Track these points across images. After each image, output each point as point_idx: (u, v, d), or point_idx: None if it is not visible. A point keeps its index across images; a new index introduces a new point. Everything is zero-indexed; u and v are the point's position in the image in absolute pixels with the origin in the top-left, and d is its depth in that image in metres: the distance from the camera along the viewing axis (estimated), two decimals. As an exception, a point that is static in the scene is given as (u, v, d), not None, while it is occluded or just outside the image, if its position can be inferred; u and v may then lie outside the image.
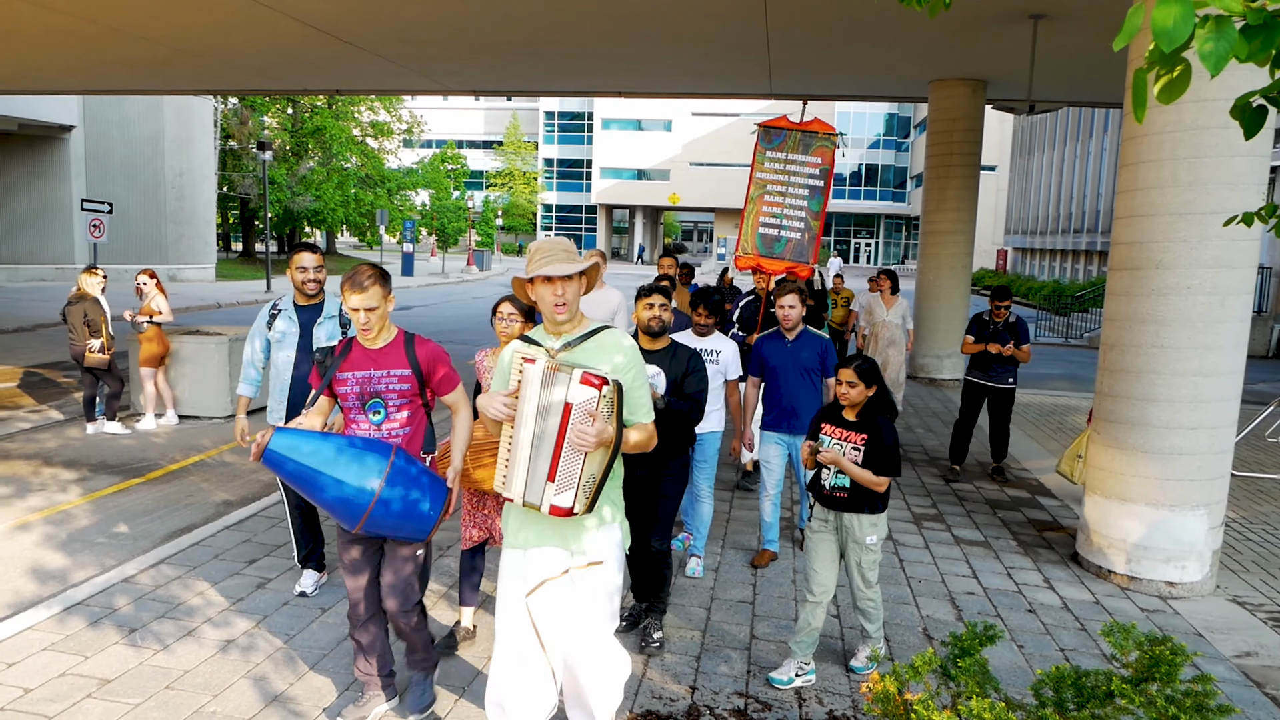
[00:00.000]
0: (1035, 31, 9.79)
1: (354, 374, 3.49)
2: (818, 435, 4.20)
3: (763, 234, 7.56)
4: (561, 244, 3.03)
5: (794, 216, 7.53)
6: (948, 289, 13.83)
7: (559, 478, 2.83)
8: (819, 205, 7.53)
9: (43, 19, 10.82)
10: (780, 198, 7.55)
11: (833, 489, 4.09)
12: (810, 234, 7.51)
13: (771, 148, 7.62)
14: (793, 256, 7.47)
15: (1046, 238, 43.24)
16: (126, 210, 27.39)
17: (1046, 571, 5.79)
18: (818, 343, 5.62)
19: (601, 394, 2.79)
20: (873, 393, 4.04)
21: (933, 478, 8.10)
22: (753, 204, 7.64)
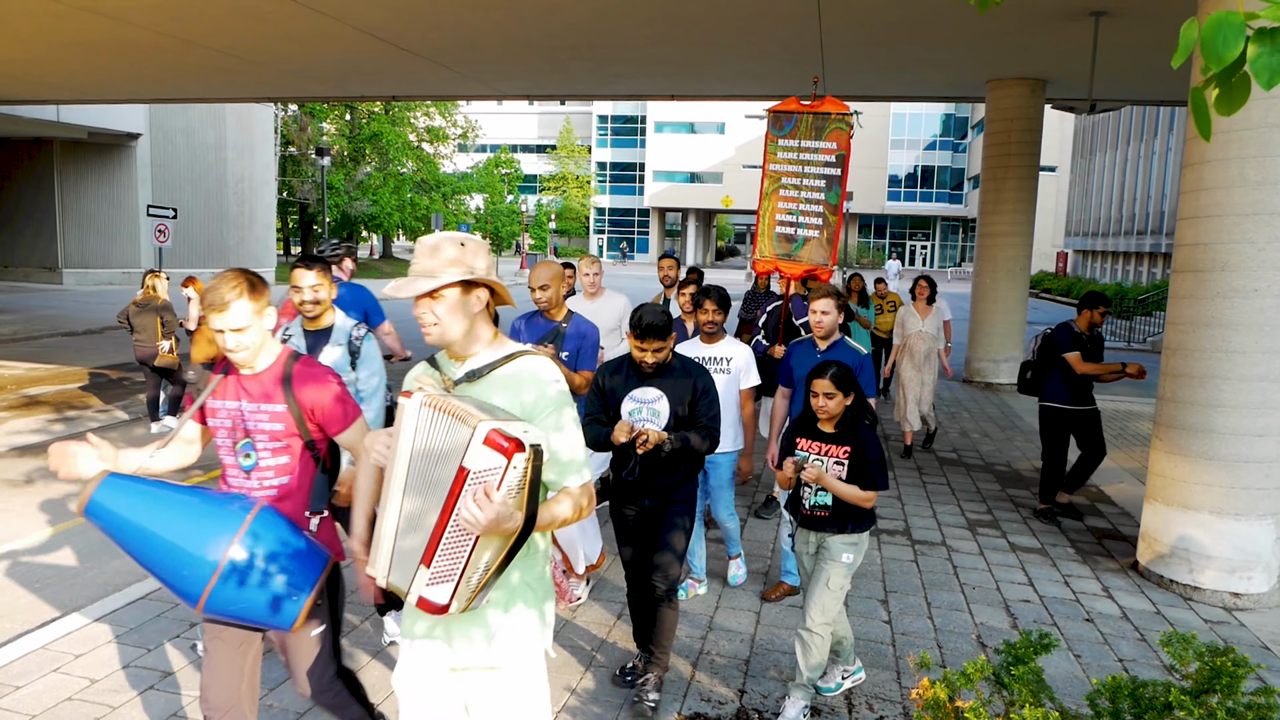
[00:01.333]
0: (1097, 29, 9.58)
1: (225, 405, 2.76)
2: (792, 450, 3.83)
3: (779, 233, 6.74)
4: (432, 244, 2.26)
5: (811, 212, 6.63)
6: (1005, 292, 13.59)
7: (436, 563, 2.08)
8: (837, 198, 6.58)
9: (117, 31, 11.21)
10: (795, 191, 6.67)
11: (813, 508, 3.75)
12: (829, 231, 6.60)
13: (783, 135, 6.72)
14: (811, 259, 6.63)
15: (1108, 240, 42.21)
16: (190, 215, 28.19)
17: (1105, 580, 5.67)
18: (853, 356, 4.90)
19: (511, 464, 2.01)
20: (851, 401, 3.71)
21: (987, 483, 7.97)
22: (767, 200, 6.80)
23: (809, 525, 3.79)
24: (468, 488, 2.02)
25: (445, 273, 2.21)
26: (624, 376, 3.88)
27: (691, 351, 4.85)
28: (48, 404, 10.48)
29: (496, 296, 2.36)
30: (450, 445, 2.06)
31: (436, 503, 2.08)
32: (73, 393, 11.25)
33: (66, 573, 5.41)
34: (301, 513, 2.80)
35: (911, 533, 6.48)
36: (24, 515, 6.44)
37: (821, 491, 3.72)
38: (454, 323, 2.24)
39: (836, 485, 3.63)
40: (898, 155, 66.36)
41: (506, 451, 2.00)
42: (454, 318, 2.24)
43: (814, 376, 3.68)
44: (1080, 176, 49.10)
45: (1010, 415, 11.31)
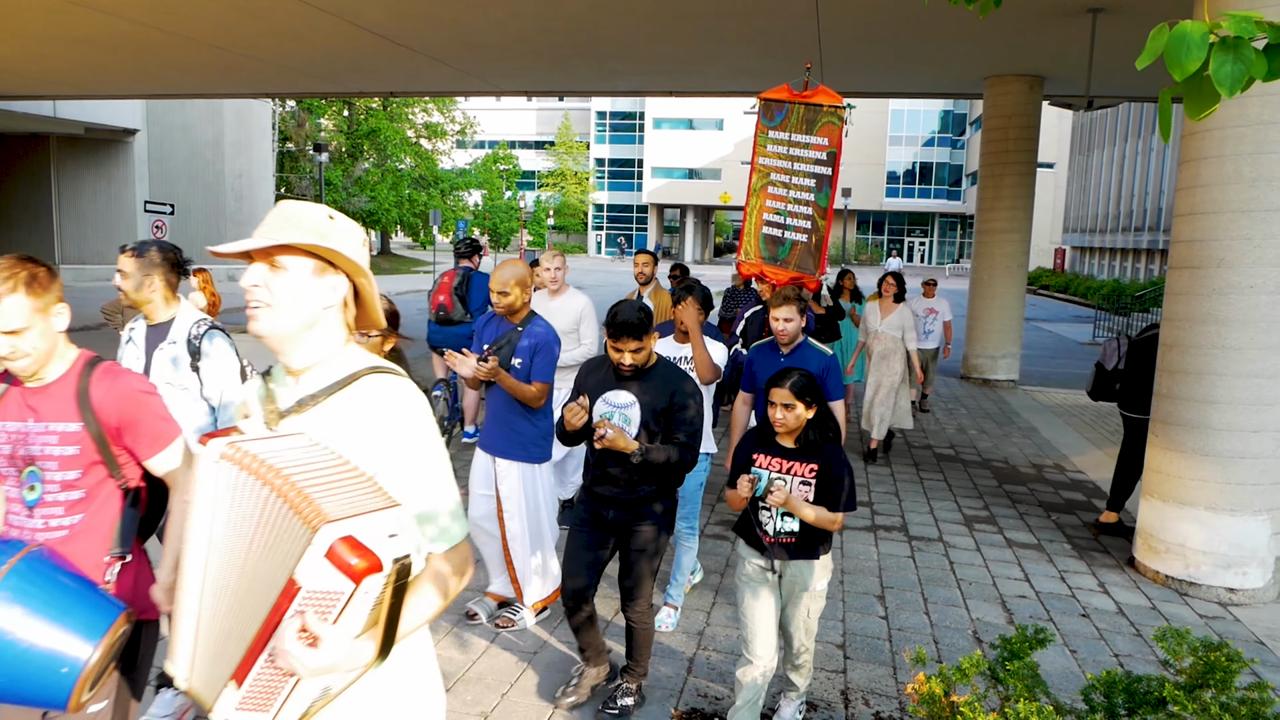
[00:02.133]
0: (1094, 26, 9.59)
1: (3, 426, 2.23)
2: (748, 467, 3.37)
3: (767, 234, 6.22)
4: (291, 209, 1.68)
5: (799, 214, 6.09)
6: (1003, 289, 13.60)
7: (249, 687, 1.50)
8: (827, 199, 6.02)
9: (114, 27, 11.20)
10: (784, 189, 6.13)
11: (778, 535, 3.33)
12: (818, 236, 6.03)
13: (774, 126, 6.16)
14: (798, 265, 6.08)
15: (1106, 236, 42.27)
16: (188, 211, 28.15)
17: (1101, 575, 5.69)
18: (817, 359, 4.63)
19: (361, 589, 1.39)
20: (813, 414, 3.30)
21: (985, 479, 7.99)
22: (755, 197, 6.27)
23: (773, 553, 3.37)
24: (297, 605, 1.40)
25: (294, 236, 1.63)
26: (602, 375, 3.69)
27: (664, 351, 4.70)
28: (45, 400, 10.47)
29: (362, 306, 1.77)
30: (275, 539, 1.42)
31: (253, 612, 1.46)
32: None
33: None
34: (100, 557, 2.26)
35: (908, 529, 6.50)
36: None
37: (787, 516, 3.31)
38: (292, 310, 1.64)
39: (806, 510, 3.23)
40: (896, 151, 66.35)
41: (355, 574, 1.37)
42: (294, 303, 1.64)
43: (772, 385, 3.28)
44: (1078, 173, 49.14)
45: (1008, 411, 11.34)
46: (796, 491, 3.27)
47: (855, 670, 4.24)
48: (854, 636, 4.62)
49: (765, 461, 3.34)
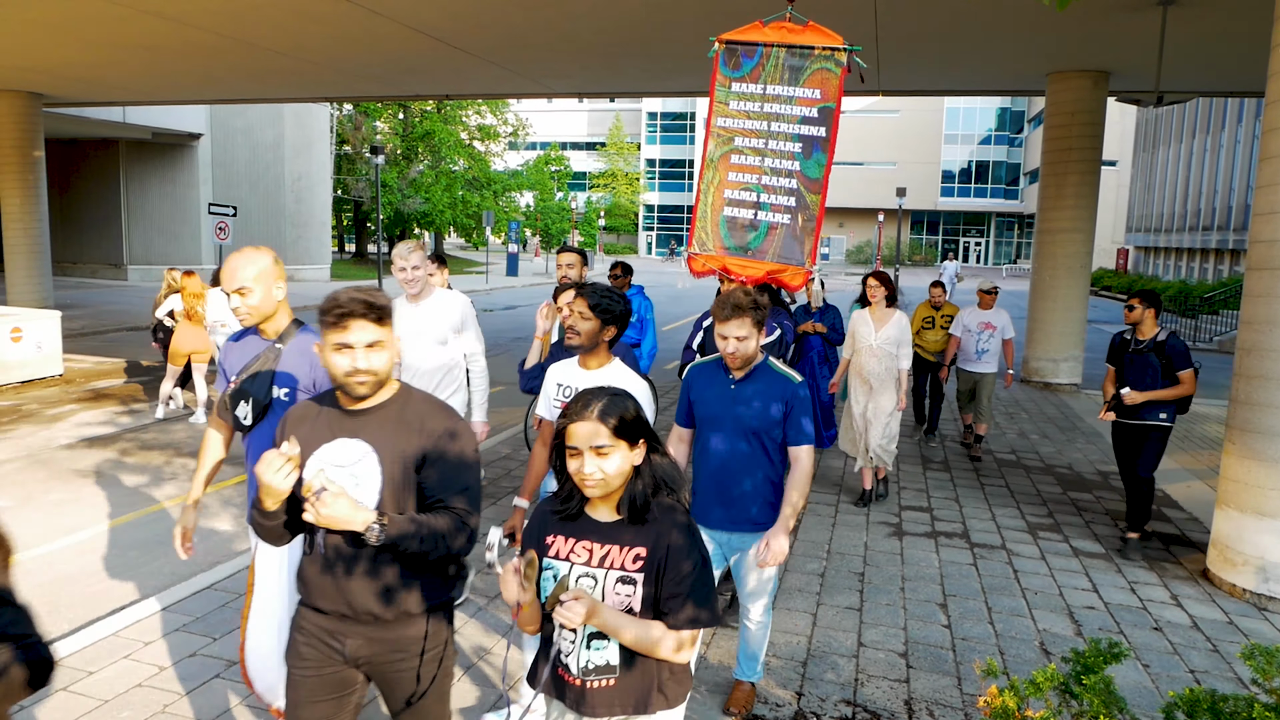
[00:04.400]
0: (1164, 18, 9.30)
1: None
2: (542, 552, 2.14)
3: (730, 217, 4.80)
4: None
5: (778, 189, 4.72)
6: (1065, 290, 13.28)
7: None
8: (820, 168, 4.66)
9: (181, 34, 11.48)
10: (756, 158, 4.75)
11: (584, 672, 2.10)
12: (807, 215, 4.68)
13: (740, 76, 4.78)
14: (779, 254, 4.69)
15: (1172, 235, 41.07)
16: (249, 213, 28.80)
17: (1174, 588, 5.50)
18: (780, 387, 3.43)
19: None
20: (642, 459, 2.10)
21: (1048, 486, 7.79)
22: (712, 169, 4.84)
23: (573, 703, 2.14)
24: None
25: None
26: (315, 421, 2.34)
27: (562, 378, 3.56)
28: (113, 397, 10.77)
29: None
30: None
31: None
32: (138, 386, 11.55)
33: (134, 562, 5.55)
34: None
35: (970, 535, 6.36)
36: (93, 505, 6.62)
37: (599, 639, 2.09)
38: None
39: (624, 628, 2.02)
40: (951, 150, 65.31)
41: None
42: None
43: (566, 417, 2.06)
44: (1142, 171, 47.84)
45: (1070, 416, 11.05)
46: (611, 597, 2.06)
47: (919, 680, 4.15)
48: (916, 645, 4.53)
49: (563, 544, 2.12)
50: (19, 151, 17.68)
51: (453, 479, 2.30)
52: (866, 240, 64.34)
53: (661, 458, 2.15)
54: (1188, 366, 5.91)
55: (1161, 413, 6.03)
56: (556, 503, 2.17)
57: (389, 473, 2.27)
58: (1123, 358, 6.20)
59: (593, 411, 2.04)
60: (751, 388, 3.45)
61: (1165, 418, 6.04)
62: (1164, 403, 5.98)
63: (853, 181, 63.66)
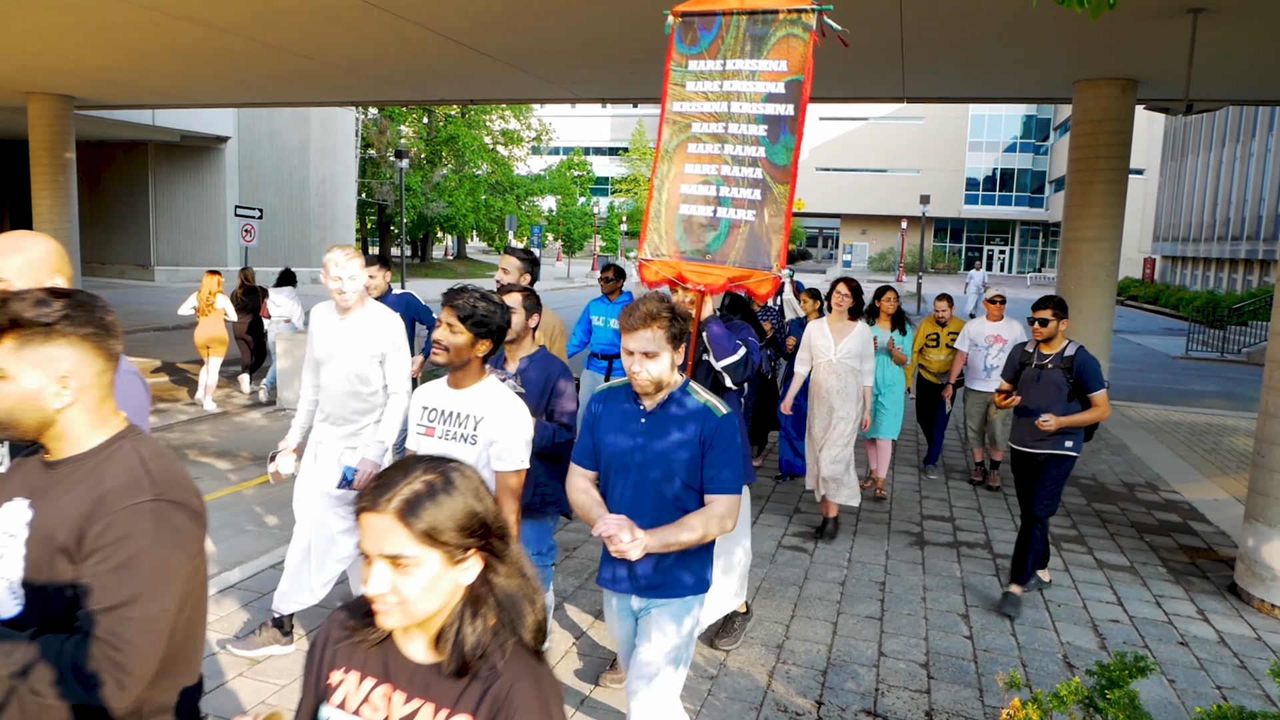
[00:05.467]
0: (1194, 26, 9.20)
1: None
2: (322, 693, 1.50)
3: (686, 217, 4.09)
4: None
5: (741, 180, 3.98)
6: (1090, 300, 13.14)
7: None
8: (787, 153, 3.90)
9: (211, 39, 11.62)
10: (715, 145, 4.04)
11: None
12: (775, 210, 3.92)
13: (696, 53, 4.09)
14: (742, 257, 3.94)
15: (1200, 245, 40.61)
16: (274, 216, 29.05)
17: (1200, 602, 5.43)
18: (699, 420, 2.76)
19: None
20: (478, 577, 1.41)
21: (1072, 497, 7.71)
22: (667, 162, 4.16)
23: None
24: None
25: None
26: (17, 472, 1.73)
27: (429, 399, 3.14)
28: (141, 397, 10.90)
29: None
30: None
31: None
32: (164, 385, 11.67)
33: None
34: None
35: (993, 546, 6.31)
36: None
37: None
38: None
39: None
40: (976, 158, 64.91)
41: None
42: None
43: (359, 506, 1.38)
44: (1170, 179, 47.36)
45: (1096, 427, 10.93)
46: None
47: (940, 691, 4.12)
48: (938, 656, 4.50)
49: (352, 690, 1.46)
50: (50, 153, 17.93)
51: (106, 592, 1.48)
52: (889, 248, 64.03)
53: (509, 575, 1.40)
54: (1099, 387, 5.19)
55: (1068, 440, 5.19)
56: (350, 617, 1.48)
57: (34, 556, 1.58)
58: (1022, 375, 5.39)
59: (391, 500, 1.32)
60: (665, 421, 2.77)
61: (1072, 446, 5.21)
62: (1071, 430, 5.19)
63: (876, 188, 63.41)
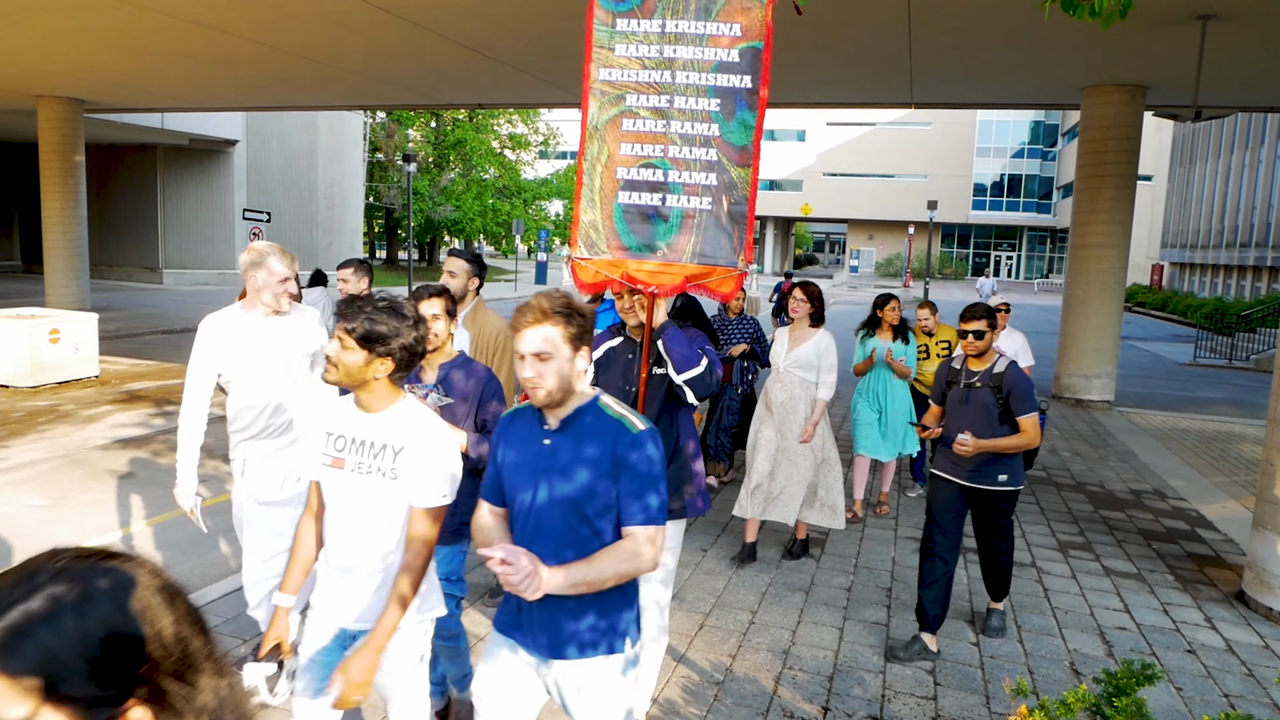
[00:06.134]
0: (1204, 32, 9.20)
1: None
2: None
3: (627, 205, 3.50)
4: None
5: (693, 161, 3.43)
6: (1098, 306, 13.14)
7: None
8: (747, 131, 3.38)
9: (220, 42, 11.68)
10: (659, 121, 3.45)
11: None
12: (736, 197, 3.41)
13: (625, 10, 3.47)
14: (699, 251, 3.42)
15: (1208, 252, 40.49)
16: (282, 219, 29.16)
17: (1208, 610, 5.41)
18: (611, 439, 2.32)
19: None
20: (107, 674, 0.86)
21: (1079, 503, 7.69)
22: (596, 141, 3.52)
23: None
24: None
25: None
26: None
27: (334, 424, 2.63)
28: (148, 399, 10.94)
29: None
30: None
31: None
32: (172, 388, 11.71)
33: (168, 562, 5.62)
34: None
35: (999, 552, 6.29)
36: (127, 505, 6.72)
37: None
38: None
39: None
40: (983, 163, 64.83)
41: None
42: None
43: None
44: (1178, 186, 47.24)
45: (1103, 434, 10.91)
46: None
47: (946, 698, 4.11)
48: (944, 662, 4.49)
49: None
50: (60, 156, 18.04)
51: None
52: (896, 253, 63.99)
53: None
54: (1030, 410, 4.48)
55: (1001, 473, 4.55)
56: None
57: None
58: (949, 396, 4.75)
59: None
60: (572, 441, 2.33)
61: (1006, 480, 4.57)
62: (1004, 460, 4.56)
63: (883, 194, 63.35)
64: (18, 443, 8.46)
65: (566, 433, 2.36)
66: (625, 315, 3.67)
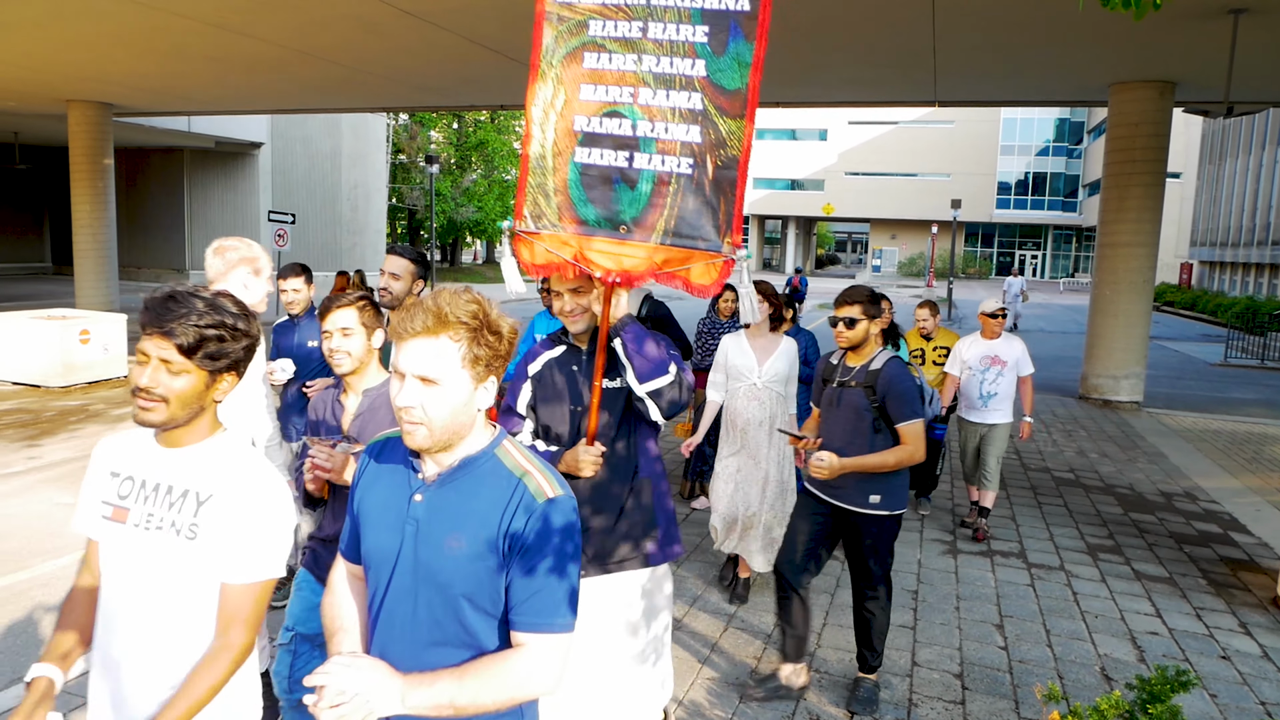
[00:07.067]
0: (1235, 27, 9.05)
1: None
2: None
3: (585, 166, 2.81)
4: None
5: (670, 111, 2.72)
6: (1126, 305, 12.97)
7: None
8: (742, 70, 2.67)
9: (246, 46, 11.77)
10: (628, 56, 2.76)
11: None
12: (724, 158, 2.70)
13: None
14: (674, 230, 2.75)
15: (1239, 250, 39.92)
16: (306, 221, 29.37)
17: (1242, 615, 5.32)
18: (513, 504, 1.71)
19: None
20: None
21: (1109, 506, 7.59)
22: (550, 81, 2.85)
23: None
24: None
25: None
26: None
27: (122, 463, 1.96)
28: (176, 399, 11.05)
29: None
30: None
31: None
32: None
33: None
34: None
35: (1027, 555, 6.22)
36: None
37: None
38: None
39: None
40: (1008, 161, 64.25)
41: None
42: None
43: None
44: (1208, 183, 46.62)
45: (1131, 435, 10.77)
46: None
47: (974, 702, 4.07)
48: (972, 666, 4.44)
49: None
50: (90, 159, 18.27)
51: None
52: (920, 252, 63.57)
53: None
54: (911, 416, 3.70)
55: (873, 493, 3.75)
56: None
57: None
58: (823, 397, 4.01)
59: None
60: (452, 500, 1.72)
61: (879, 502, 3.75)
62: (880, 476, 3.75)
63: (906, 192, 62.95)
64: (49, 441, 8.56)
65: (447, 488, 1.72)
66: (566, 320, 2.87)
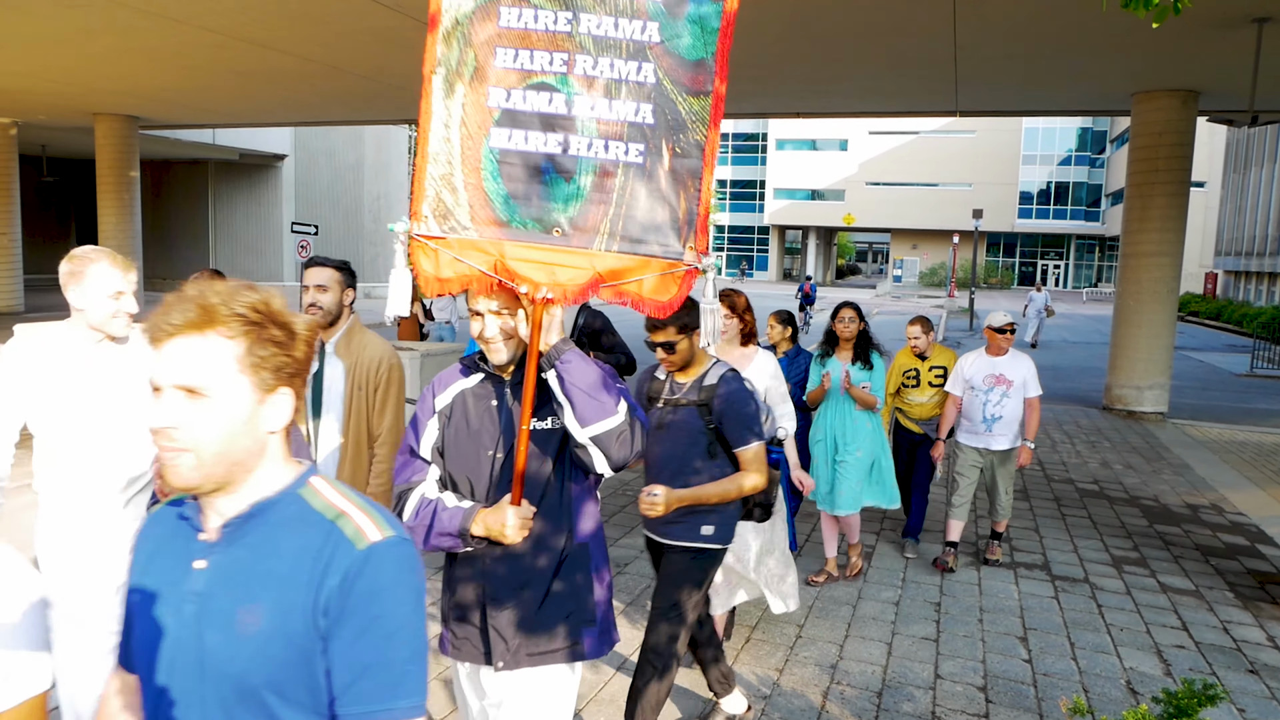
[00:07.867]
0: (1260, 35, 8.99)
1: None
2: None
3: (504, 155, 2.20)
4: None
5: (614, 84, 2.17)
6: (1150, 315, 12.86)
7: None
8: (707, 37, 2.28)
9: (270, 59, 11.93)
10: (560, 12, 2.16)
11: None
12: (683, 144, 2.21)
13: None
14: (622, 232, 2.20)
15: (1265, 260, 39.48)
16: (329, 232, 29.66)
17: (1270, 629, 5.25)
18: (324, 558, 1.29)
19: None
20: None
21: (1133, 518, 7.52)
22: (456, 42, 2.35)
23: None
24: None
25: None
26: None
27: None
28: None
29: None
30: None
31: None
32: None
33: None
34: None
35: (1050, 567, 6.17)
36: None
37: None
38: None
39: None
40: (1029, 171, 63.93)
41: None
42: None
43: None
44: (1232, 192, 46.17)
45: (1156, 446, 10.67)
46: None
47: (998, 715, 4.03)
48: (996, 679, 4.40)
49: None
50: (116, 171, 18.54)
51: None
52: (941, 262, 63.26)
53: None
54: (751, 440, 3.19)
55: (705, 524, 3.22)
56: None
57: None
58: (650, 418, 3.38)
59: None
60: (244, 559, 1.34)
61: (712, 535, 3.24)
62: (715, 509, 3.22)
63: (927, 202, 62.74)
64: (75, 451, 8.66)
65: (236, 546, 1.33)
66: (487, 349, 2.26)
